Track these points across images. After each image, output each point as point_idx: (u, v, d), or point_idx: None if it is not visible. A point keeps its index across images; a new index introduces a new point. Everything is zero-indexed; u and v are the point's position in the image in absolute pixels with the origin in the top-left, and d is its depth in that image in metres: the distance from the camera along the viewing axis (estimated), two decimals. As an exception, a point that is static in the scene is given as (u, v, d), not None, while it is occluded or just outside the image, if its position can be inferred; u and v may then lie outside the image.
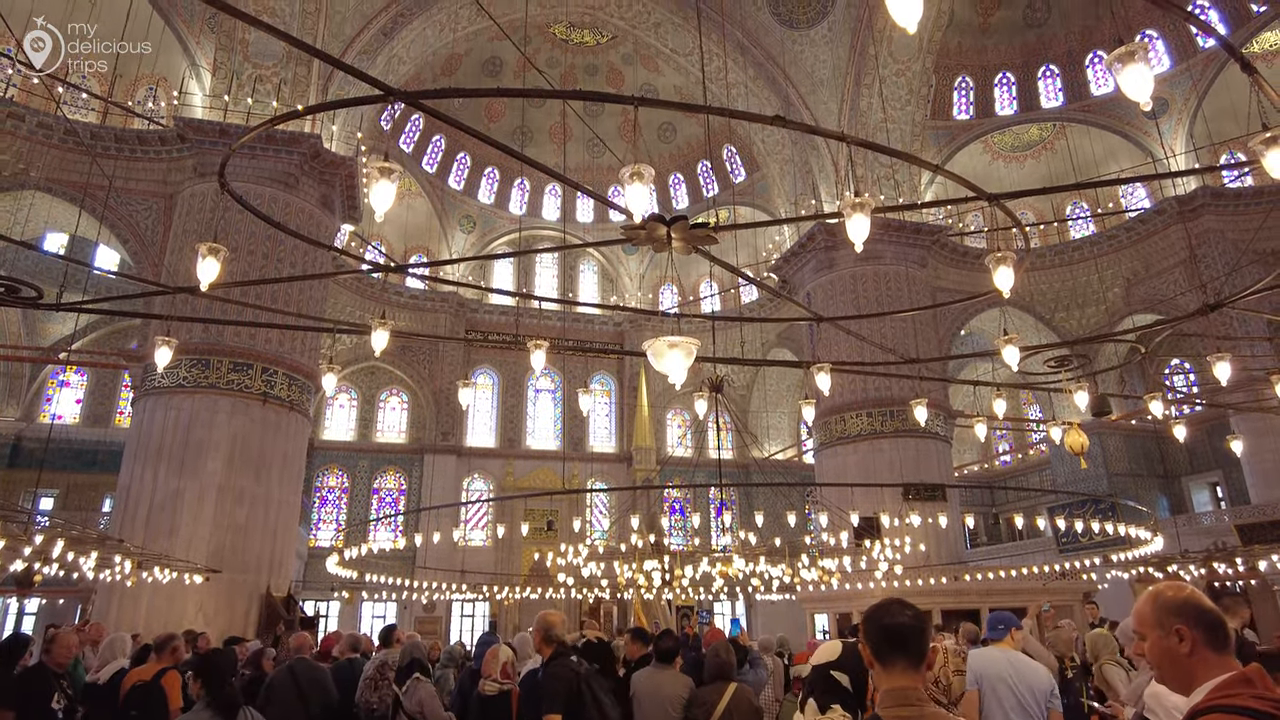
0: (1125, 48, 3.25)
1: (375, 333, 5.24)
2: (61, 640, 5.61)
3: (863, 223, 3.95)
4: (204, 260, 4.29)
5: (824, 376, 5.46)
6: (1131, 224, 22.69)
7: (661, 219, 3.41)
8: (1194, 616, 1.86)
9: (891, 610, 1.95)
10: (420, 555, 22.84)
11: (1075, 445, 7.38)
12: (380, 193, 3.55)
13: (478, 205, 29.45)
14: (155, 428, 15.81)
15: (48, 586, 19.74)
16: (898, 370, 19.42)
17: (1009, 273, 4.79)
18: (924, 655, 1.89)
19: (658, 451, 28.40)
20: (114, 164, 17.89)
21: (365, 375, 28.19)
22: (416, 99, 3.23)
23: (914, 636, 1.88)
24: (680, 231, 3.40)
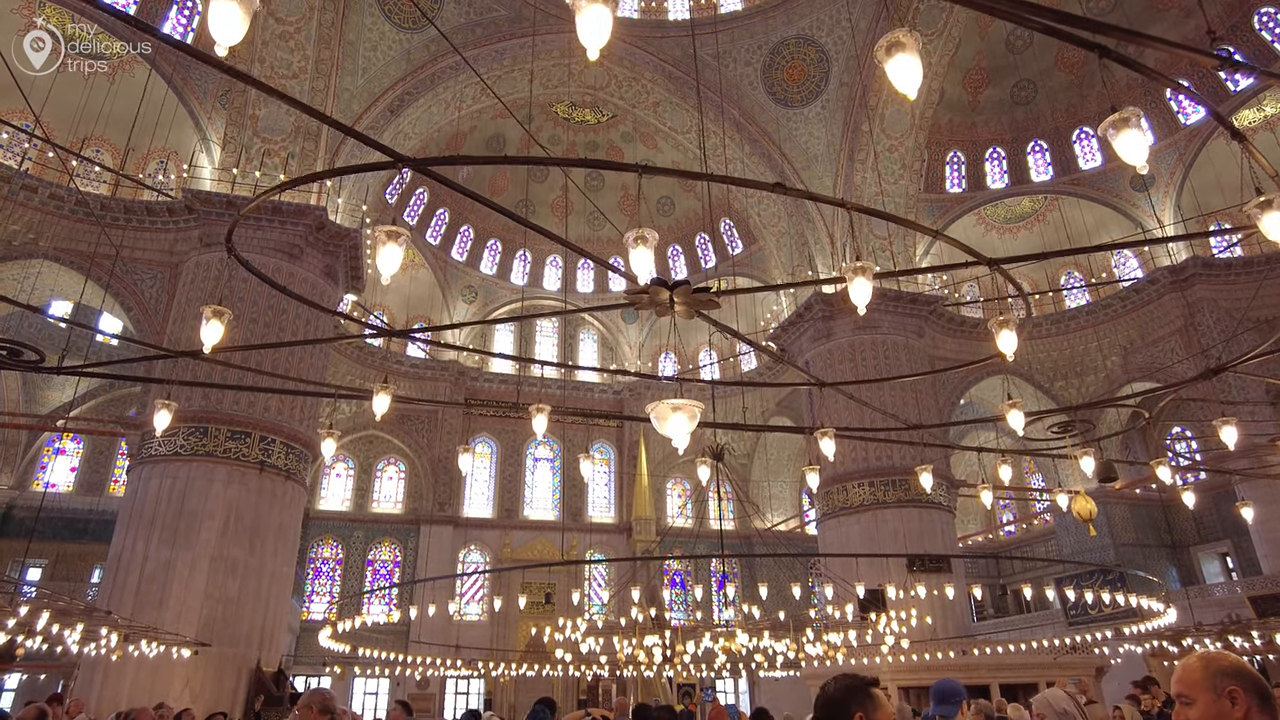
0: (1118, 114, 3.35)
1: (377, 397, 5.24)
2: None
3: (865, 286, 4.00)
4: (208, 323, 4.32)
5: (828, 442, 5.44)
6: (1126, 293, 22.96)
7: (664, 283, 3.45)
8: (1249, 681, 1.84)
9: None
10: (414, 629, 22.27)
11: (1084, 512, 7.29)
12: (387, 256, 3.59)
13: (480, 276, 29.82)
14: (149, 496, 15.63)
15: (29, 661, 19.17)
16: (900, 438, 19.34)
17: (1012, 336, 4.83)
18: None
19: (658, 522, 28.02)
20: (122, 234, 18.19)
21: (363, 444, 28.02)
22: (424, 165, 3.30)
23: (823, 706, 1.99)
24: (683, 296, 3.44)
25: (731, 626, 10.38)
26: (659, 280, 3.42)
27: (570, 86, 23.24)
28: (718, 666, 18.01)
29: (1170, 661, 17.34)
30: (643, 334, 31.32)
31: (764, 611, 13.72)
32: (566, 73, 22.49)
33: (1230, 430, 7.15)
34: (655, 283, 3.39)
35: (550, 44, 21.47)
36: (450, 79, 21.19)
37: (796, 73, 22.17)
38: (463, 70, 20.45)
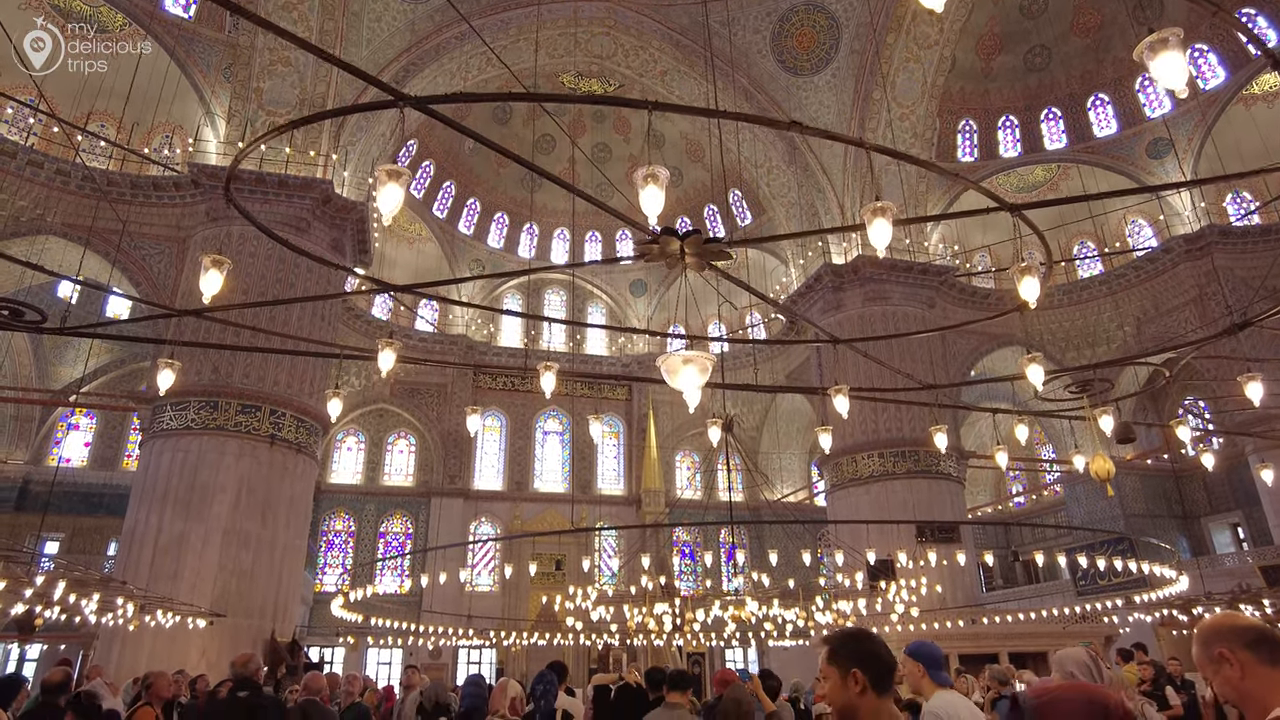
0: (1157, 35, 3.21)
1: (382, 354, 5.17)
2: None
3: (884, 228, 3.89)
4: (207, 273, 4.24)
5: (841, 399, 5.36)
6: (1140, 263, 22.67)
7: (674, 233, 3.37)
8: (1233, 637, 1.78)
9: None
10: (426, 599, 22.51)
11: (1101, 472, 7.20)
12: (387, 196, 3.51)
13: (487, 250, 29.71)
14: (162, 470, 15.74)
15: (49, 632, 19.46)
16: (912, 405, 19.28)
17: (1034, 283, 4.72)
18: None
19: (667, 494, 28.10)
20: (128, 209, 18.16)
21: (373, 418, 28.14)
22: (426, 104, 3.22)
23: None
24: (694, 246, 3.35)
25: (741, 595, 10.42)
26: (669, 230, 3.33)
27: (577, 56, 22.94)
28: (727, 635, 18.12)
29: (1179, 630, 17.34)
30: (651, 307, 31.21)
31: (773, 580, 13.76)
32: (573, 41, 22.20)
33: (1255, 386, 7.03)
34: (665, 232, 3.31)
35: (556, 12, 21.17)
36: (455, 49, 20.94)
37: (806, 40, 21.81)
38: (468, 40, 20.21)
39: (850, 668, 2.00)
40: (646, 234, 3.38)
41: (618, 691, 5.05)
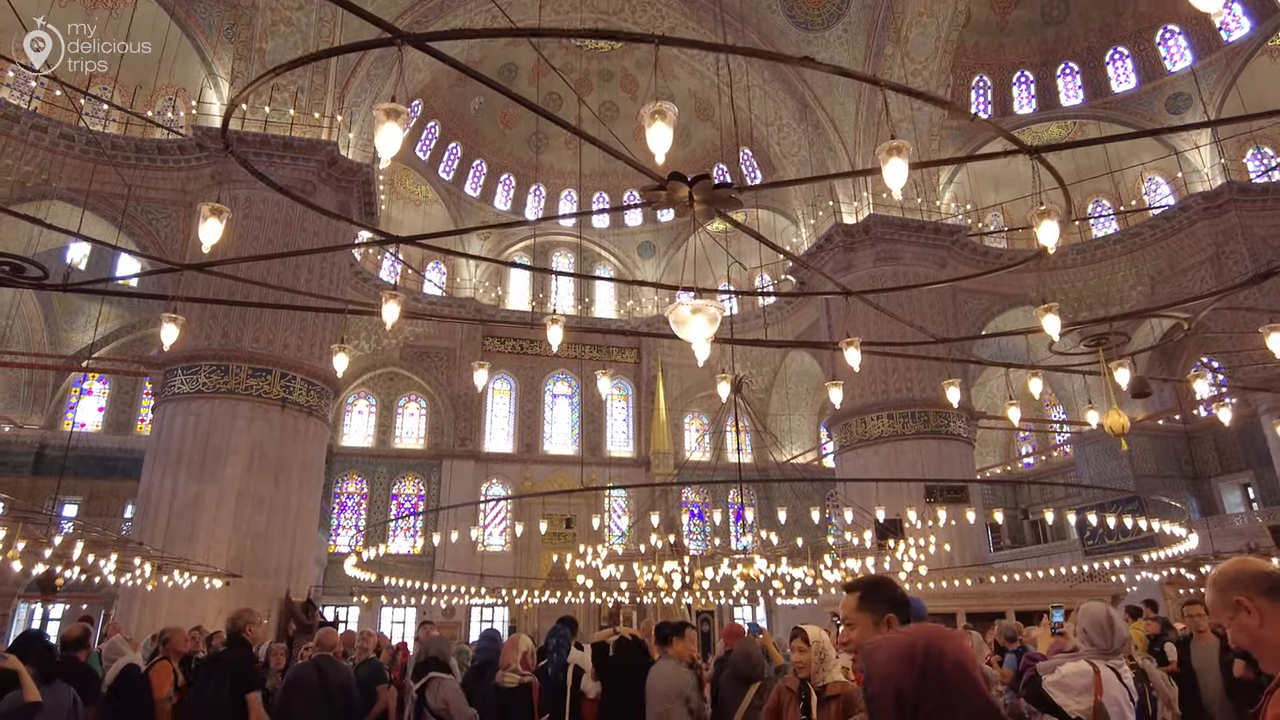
0: None
1: (386, 305, 5.12)
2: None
3: (900, 168, 3.77)
4: (205, 221, 4.18)
5: (853, 352, 5.30)
6: (1156, 221, 22.31)
7: (683, 178, 3.28)
8: (1251, 583, 1.72)
9: None
10: (439, 559, 22.82)
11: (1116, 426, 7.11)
12: (387, 136, 3.42)
13: (494, 212, 29.49)
14: (175, 434, 15.88)
15: (70, 592, 19.86)
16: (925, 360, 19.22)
17: (1054, 227, 4.60)
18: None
19: (675, 456, 28.22)
20: (133, 173, 18.04)
21: (384, 381, 28.27)
22: (423, 40, 3.14)
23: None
24: (703, 192, 3.26)
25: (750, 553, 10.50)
26: (677, 175, 3.25)
27: (583, 12, 22.51)
28: (736, 593, 18.31)
29: (1186, 589, 17.41)
30: (659, 269, 31.03)
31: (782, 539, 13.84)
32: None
33: (1277, 337, 6.91)
34: (674, 178, 3.22)
35: (561, -33, 20.74)
36: (460, 7, 20.59)
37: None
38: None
39: (884, 613, 2.01)
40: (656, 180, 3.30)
41: (616, 646, 5.08)
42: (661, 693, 4.70)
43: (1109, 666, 3.07)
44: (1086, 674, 3.04)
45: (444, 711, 5.10)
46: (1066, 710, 3.04)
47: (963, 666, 1.39)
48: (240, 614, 5.14)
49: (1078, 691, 3.02)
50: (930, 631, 1.47)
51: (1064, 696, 3.04)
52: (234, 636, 5.03)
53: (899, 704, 1.39)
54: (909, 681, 1.39)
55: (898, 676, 1.41)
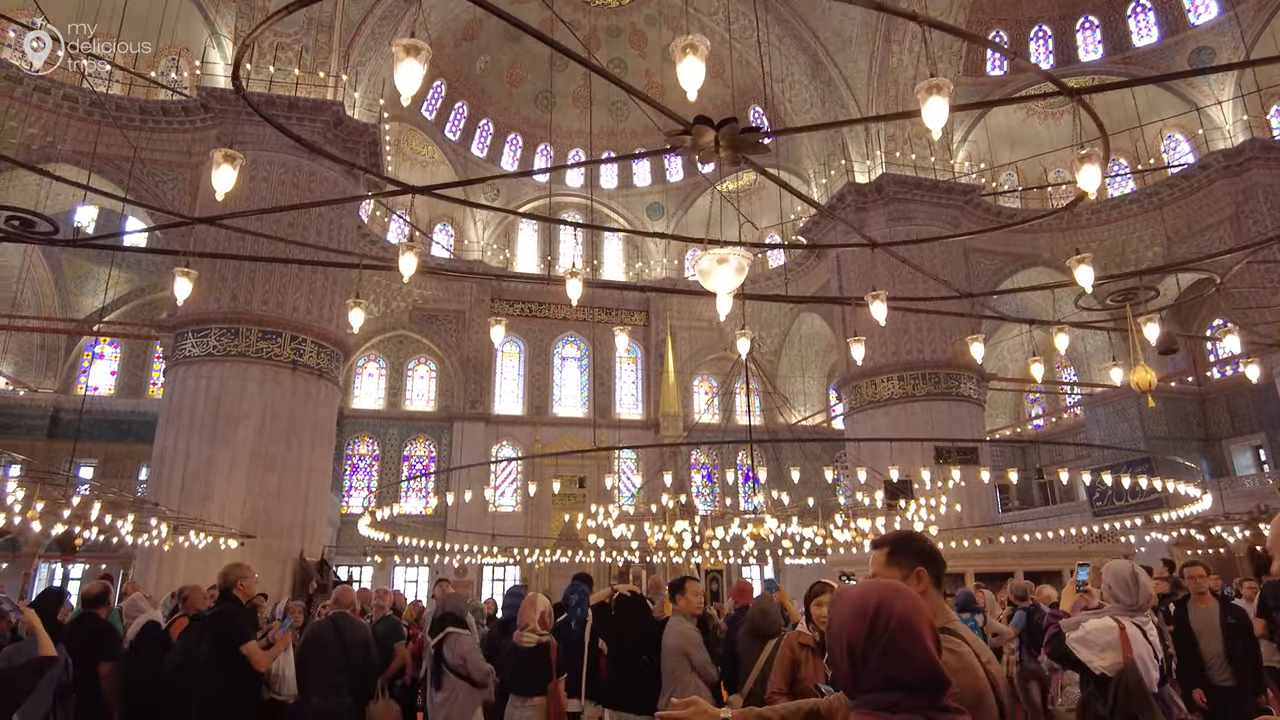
0: None
1: (403, 257, 5.04)
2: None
3: (940, 107, 3.58)
4: (219, 168, 4.08)
5: (879, 306, 5.20)
6: (1174, 180, 21.91)
7: (709, 121, 3.17)
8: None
9: None
10: (451, 519, 23.06)
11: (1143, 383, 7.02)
12: (405, 73, 3.30)
13: (501, 172, 29.22)
14: (187, 397, 15.95)
15: (89, 552, 20.19)
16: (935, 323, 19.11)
17: (1095, 171, 4.42)
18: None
19: (684, 418, 28.28)
20: (138, 135, 17.90)
21: (393, 344, 28.33)
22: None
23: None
24: (729, 136, 3.14)
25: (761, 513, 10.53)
26: (703, 119, 3.14)
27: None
28: (745, 552, 18.45)
29: (1195, 550, 17.43)
30: (668, 230, 30.76)
31: (792, 499, 13.89)
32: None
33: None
34: (699, 121, 3.12)
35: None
36: (464, -39, 20.14)
37: (830, -56, 20.76)
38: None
39: (914, 567, 2.01)
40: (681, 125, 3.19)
41: (616, 604, 5.11)
42: (668, 649, 4.75)
43: (1135, 623, 3.06)
44: (1111, 630, 3.02)
45: (461, 666, 5.17)
46: (1090, 666, 3.03)
47: (910, 625, 1.42)
48: (229, 570, 4.99)
49: (1101, 648, 3.01)
50: (884, 588, 1.50)
51: (1087, 653, 3.03)
52: (224, 593, 4.91)
53: (850, 655, 1.45)
54: (859, 634, 1.44)
55: (850, 629, 1.46)
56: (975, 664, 1.80)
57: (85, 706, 5.39)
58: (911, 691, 1.40)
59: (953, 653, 1.80)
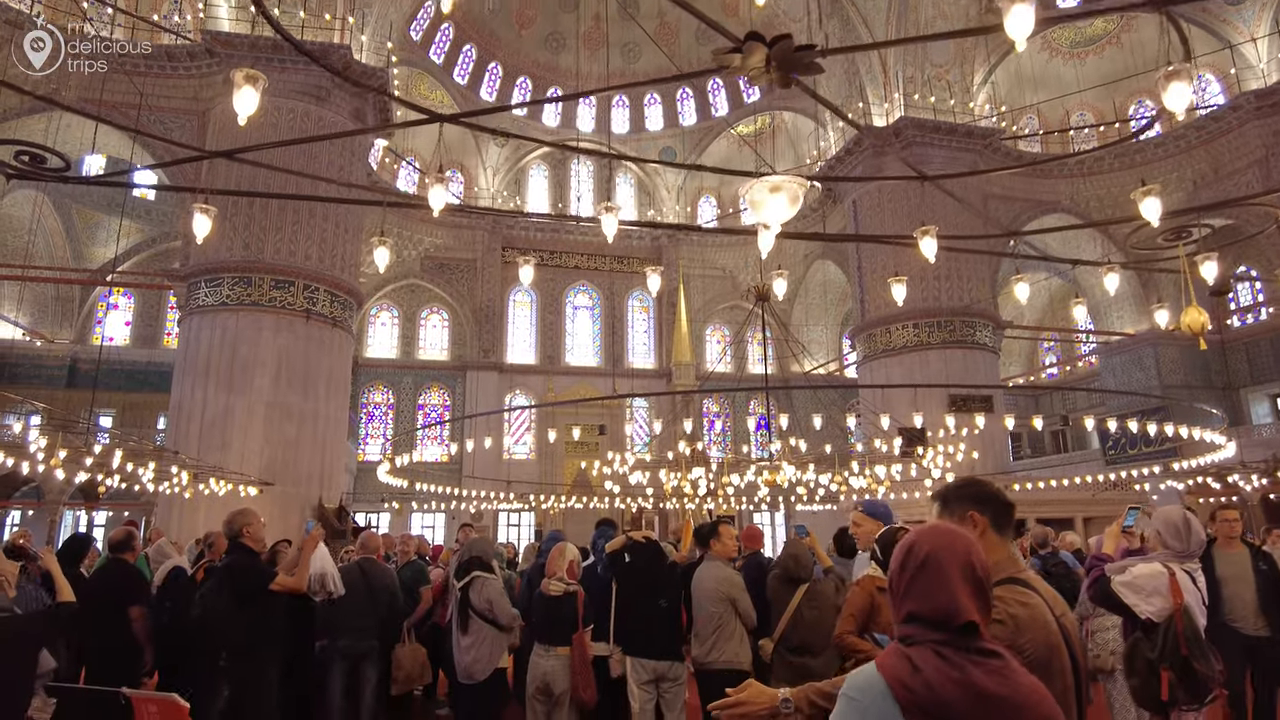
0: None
1: (433, 189, 4.87)
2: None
3: (1025, 15, 3.19)
4: (240, 90, 3.84)
5: (929, 242, 5.01)
6: (1202, 122, 21.28)
7: (761, 38, 2.98)
8: None
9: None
10: (466, 466, 23.28)
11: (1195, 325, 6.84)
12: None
13: (510, 118, 28.68)
14: (202, 346, 15.99)
15: (112, 500, 20.53)
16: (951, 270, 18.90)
17: (1185, 90, 4.09)
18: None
19: (697, 367, 28.26)
20: (144, 81, 17.58)
21: (406, 293, 28.26)
22: None
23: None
24: (782, 54, 2.93)
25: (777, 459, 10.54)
26: (755, 35, 2.95)
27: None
28: (758, 499, 18.58)
29: (1209, 498, 17.42)
30: (681, 176, 30.32)
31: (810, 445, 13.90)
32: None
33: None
34: (751, 38, 2.93)
35: None
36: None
37: (850, -126, 19.93)
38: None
39: (967, 510, 1.93)
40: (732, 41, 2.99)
41: (630, 551, 5.10)
42: (709, 596, 4.72)
43: (1184, 570, 3.01)
44: (1160, 576, 2.98)
45: (488, 610, 5.20)
46: (1136, 610, 2.99)
47: (935, 562, 1.45)
48: (234, 517, 4.80)
49: (1149, 593, 2.97)
50: (925, 529, 1.53)
51: (1134, 597, 3.00)
52: (233, 542, 4.74)
53: (892, 590, 1.52)
54: (894, 572, 1.51)
55: (890, 568, 1.53)
56: (1047, 617, 1.73)
57: (118, 649, 5.48)
58: (926, 626, 1.42)
59: (1023, 605, 1.73)
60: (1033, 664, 1.61)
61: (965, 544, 1.48)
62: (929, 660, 1.38)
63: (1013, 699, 1.35)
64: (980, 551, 1.50)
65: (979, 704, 1.34)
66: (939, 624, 1.41)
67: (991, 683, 1.35)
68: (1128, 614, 3.06)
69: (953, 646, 1.39)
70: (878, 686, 1.42)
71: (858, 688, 1.45)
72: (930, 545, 1.47)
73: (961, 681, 1.35)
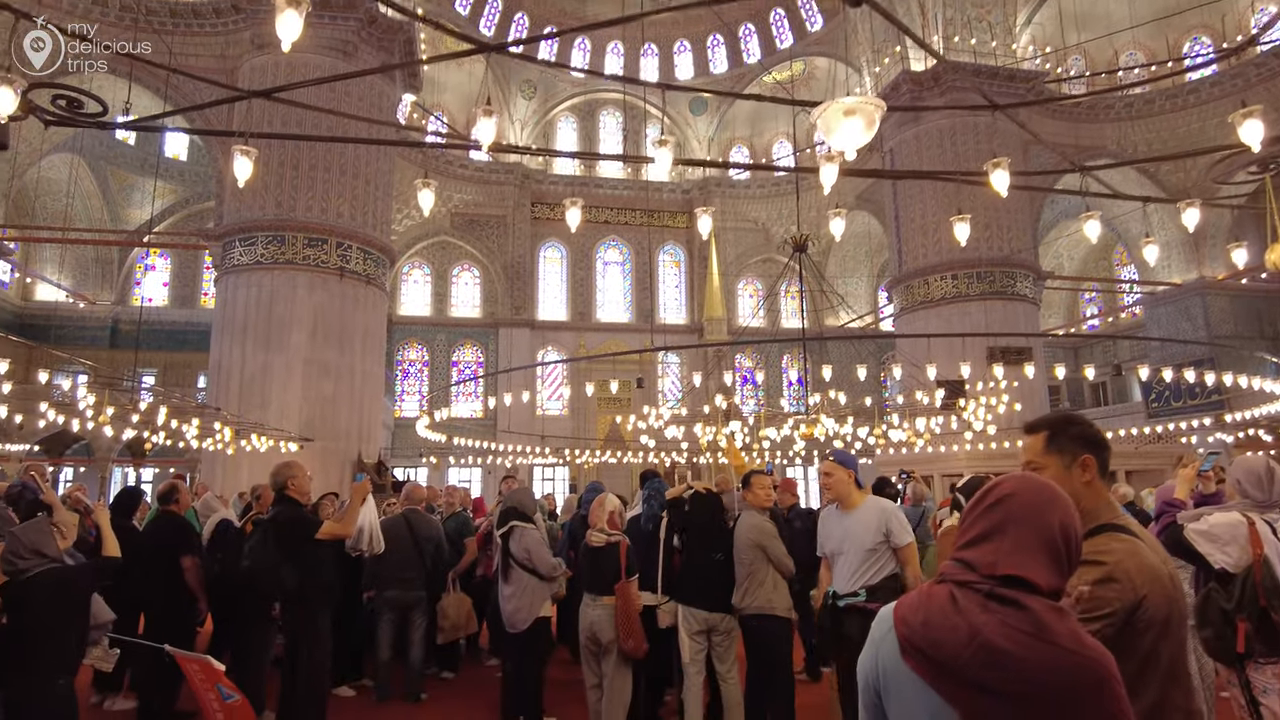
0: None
1: (480, 122, 4.71)
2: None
3: None
4: (283, 13, 3.66)
5: (1001, 174, 4.78)
6: (1263, 59, 20.28)
7: None
8: None
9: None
10: (501, 421, 23.50)
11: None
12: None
13: (537, 69, 28.26)
14: (239, 305, 16.14)
15: (158, 456, 21.05)
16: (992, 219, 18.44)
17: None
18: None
19: (729, 322, 28.04)
20: (171, 39, 17.52)
21: (437, 250, 28.27)
22: None
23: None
24: None
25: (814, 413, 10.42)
26: None
27: None
28: (793, 453, 18.50)
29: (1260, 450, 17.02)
30: (712, 127, 29.74)
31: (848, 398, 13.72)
32: None
33: None
34: None
35: None
36: None
37: None
38: None
39: (1079, 454, 1.77)
40: None
41: (691, 501, 5.06)
42: (742, 544, 4.71)
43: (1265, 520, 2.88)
44: (1238, 525, 2.85)
45: (526, 559, 5.24)
46: (1210, 560, 2.87)
47: (1008, 512, 1.29)
48: (279, 469, 4.78)
49: (1225, 542, 2.85)
50: (1020, 478, 1.37)
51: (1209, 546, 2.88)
52: (279, 494, 4.75)
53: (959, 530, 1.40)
54: (967, 508, 1.38)
55: (969, 503, 1.39)
56: (1159, 567, 1.61)
57: (173, 599, 5.61)
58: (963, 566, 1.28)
59: (1132, 555, 1.61)
60: (1152, 622, 1.50)
61: (1060, 506, 1.30)
62: (939, 599, 1.25)
63: (1025, 658, 1.15)
64: (1077, 520, 1.31)
65: (980, 655, 1.16)
66: (976, 567, 1.26)
67: (1000, 635, 1.17)
68: (1201, 563, 2.94)
69: (973, 590, 1.23)
70: (888, 620, 1.32)
71: (878, 619, 1.37)
72: (1013, 489, 1.31)
73: (963, 627, 1.19)
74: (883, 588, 3.79)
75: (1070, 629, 1.19)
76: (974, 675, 1.17)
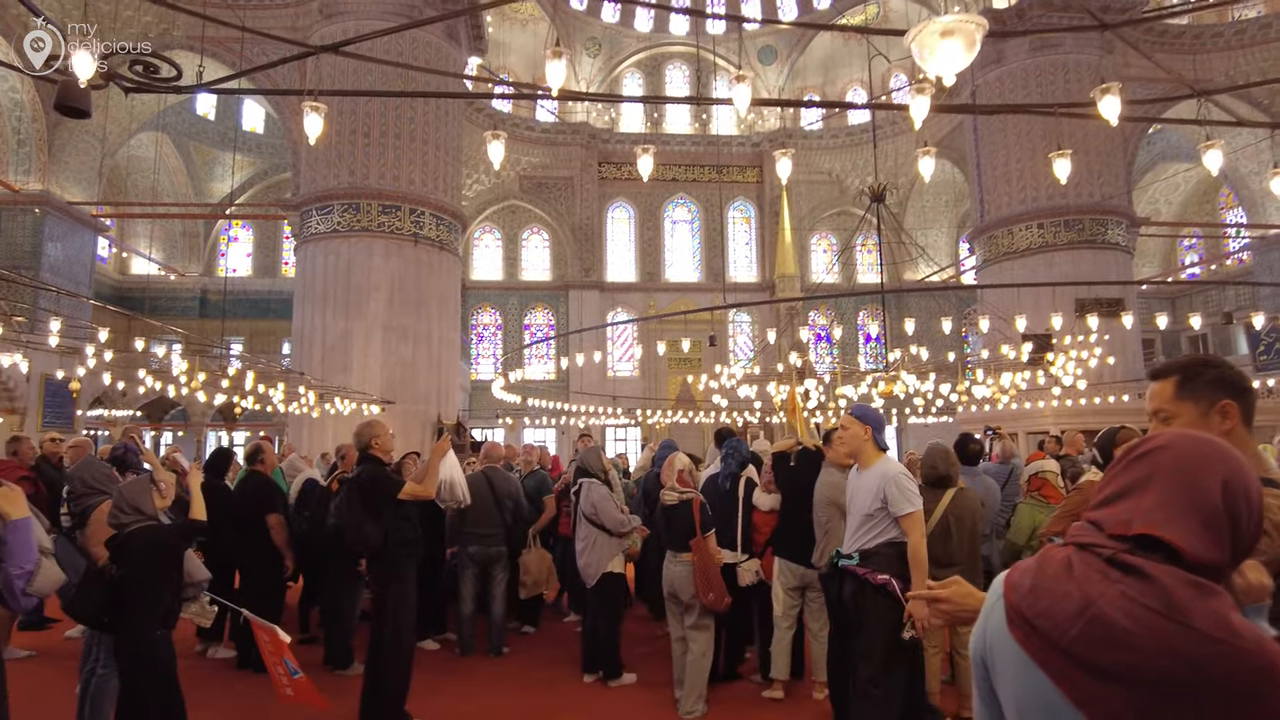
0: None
1: (550, 65, 4.64)
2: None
3: None
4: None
5: (1111, 101, 4.44)
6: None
7: None
8: None
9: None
10: (574, 383, 23.74)
11: None
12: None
13: (602, 25, 27.86)
14: (318, 273, 16.57)
15: (248, 420, 22.01)
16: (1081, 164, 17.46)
17: None
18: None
19: (802, 279, 27.45)
20: (244, 14, 17.84)
21: (506, 215, 28.45)
22: None
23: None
24: None
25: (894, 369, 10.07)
26: None
27: None
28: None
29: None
30: (782, 77, 28.86)
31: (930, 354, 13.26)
32: None
33: None
34: None
35: None
36: None
37: None
38: None
39: (1219, 399, 1.55)
40: None
41: (797, 457, 4.95)
42: (819, 501, 4.62)
43: None
44: None
45: (593, 514, 5.31)
46: None
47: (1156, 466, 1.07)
48: (362, 429, 4.81)
49: None
50: (1180, 433, 1.12)
51: None
52: (363, 454, 4.80)
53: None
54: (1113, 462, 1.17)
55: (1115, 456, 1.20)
56: None
57: (262, 556, 5.82)
58: (1093, 526, 1.08)
59: None
60: None
61: (1228, 463, 1.05)
62: (1054, 563, 1.05)
63: (1147, 639, 0.94)
64: (1252, 483, 1.05)
65: (1092, 630, 0.97)
66: (1104, 527, 1.06)
67: (1118, 609, 0.96)
68: None
69: (1095, 553, 1.03)
70: (999, 587, 1.14)
71: (992, 586, 1.18)
72: (1168, 440, 1.08)
73: (1075, 596, 1.00)
74: (878, 554, 3.65)
75: (1212, 609, 0.96)
76: (1086, 654, 0.97)
